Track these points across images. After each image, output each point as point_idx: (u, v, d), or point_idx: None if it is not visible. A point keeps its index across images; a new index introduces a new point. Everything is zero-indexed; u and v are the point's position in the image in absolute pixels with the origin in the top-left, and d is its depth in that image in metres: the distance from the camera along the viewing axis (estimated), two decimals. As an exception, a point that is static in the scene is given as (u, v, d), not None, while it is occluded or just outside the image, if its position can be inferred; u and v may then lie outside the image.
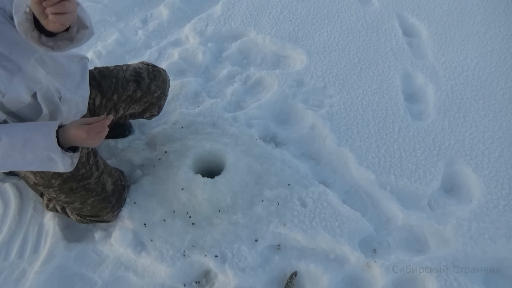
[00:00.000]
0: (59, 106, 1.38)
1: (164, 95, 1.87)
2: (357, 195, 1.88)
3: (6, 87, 1.17)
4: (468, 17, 2.73)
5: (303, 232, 1.65)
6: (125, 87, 1.70)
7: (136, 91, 1.73)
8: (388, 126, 2.09)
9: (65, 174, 1.50)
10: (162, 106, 1.93)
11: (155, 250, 1.61)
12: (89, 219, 1.67)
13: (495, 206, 1.75)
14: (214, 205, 1.71)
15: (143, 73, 1.75)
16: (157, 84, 1.79)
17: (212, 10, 2.89)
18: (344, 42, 2.58)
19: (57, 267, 1.60)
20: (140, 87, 1.73)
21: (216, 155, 1.86)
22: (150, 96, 1.79)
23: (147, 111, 1.87)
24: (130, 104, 1.77)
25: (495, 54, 2.46)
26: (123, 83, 1.70)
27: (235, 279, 1.53)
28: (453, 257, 1.58)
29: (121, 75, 1.70)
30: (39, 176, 1.49)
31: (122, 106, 1.76)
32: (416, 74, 2.39)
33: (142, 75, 1.74)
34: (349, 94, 2.25)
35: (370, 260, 1.59)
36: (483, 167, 1.89)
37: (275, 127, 2.14)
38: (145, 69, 1.77)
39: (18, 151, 1.17)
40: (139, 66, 1.77)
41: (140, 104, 1.79)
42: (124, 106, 1.76)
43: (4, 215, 1.78)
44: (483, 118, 2.11)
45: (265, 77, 2.38)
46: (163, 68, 1.87)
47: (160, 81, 1.80)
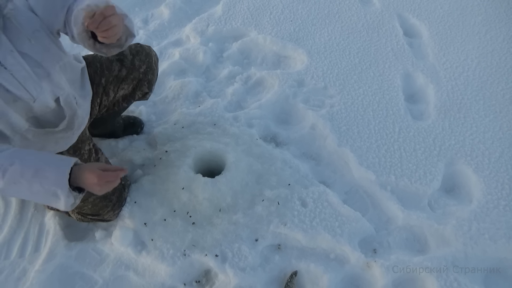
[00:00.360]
0: (76, 111, 1.45)
1: (151, 69, 1.82)
2: (358, 195, 1.88)
3: (38, 92, 1.26)
4: (469, 17, 2.73)
5: (304, 232, 1.65)
6: (110, 68, 1.70)
7: (121, 70, 1.72)
8: (389, 126, 2.09)
9: None
10: (152, 82, 1.88)
11: (156, 249, 1.62)
12: (90, 217, 1.67)
13: (496, 207, 1.75)
14: (215, 204, 1.72)
15: (125, 51, 1.73)
16: (141, 59, 1.77)
17: (213, 10, 2.90)
18: (345, 42, 2.58)
19: (57, 266, 1.61)
20: (124, 65, 1.72)
21: (217, 155, 1.87)
22: (136, 72, 1.77)
23: (138, 90, 1.84)
24: (118, 84, 1.76)
25: (496, 55, 2.46)
26: (107, 65, 1.70)
27: (235, 279, 1.53)
28: (453, 257, 1.59)
29: (104, 58, 1.70)
30: None
31: (111, 88, 1.75)
32: (417, 74, 2.39)
33: (124, 53, 1.73)
34: (349, 94, 2.26)
35: (370, 260, 1.60)
36: (484, 168, 1.89)
37: (276, 127, 2.15)
38: (127, 48, 1.75)
39: (26, 180, 1.15)
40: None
41: (127, 82, 1.77)
42: (113, 88, 1.75)
43: (5, 214, 1.79)
44: (484, 119, 2.11)
45: (266, 77, 2.38)
46: (148, 45, 1.85)
47: (144, 55, 1.78)
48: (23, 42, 1.21)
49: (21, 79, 1.21)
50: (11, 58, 1.17)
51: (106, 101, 1.78)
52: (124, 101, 1.87)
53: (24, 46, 1.21)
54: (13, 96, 1.21)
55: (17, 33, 1.19)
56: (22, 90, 1.23)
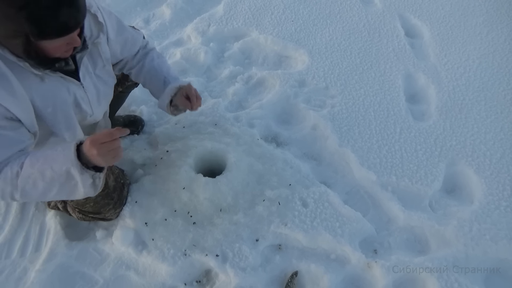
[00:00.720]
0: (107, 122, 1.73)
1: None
2: (358, 196, 1.88)
3: (95, 108, 1.47)
4: (470, 18, 2.73)
5: (304, 232, 1.65)
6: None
7: None
8: (390, 127, 2.09)
9: None
10: None
11: (156, 249, 1.62)
12: (91, 216, 1.67)
13: (497, 207, 1.74)
14: (215, 204, 1.72)
15: None
16: None
17: (214, 10, 2.90)
18: (346, 43, 2.58)
19: (58, 266, 1.61)
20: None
21: (218, 155, 1.87)
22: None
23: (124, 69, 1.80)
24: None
25: (497, 56, 2.45)
26: None
27: (236, 279, 1.53)
28: (454, 258, 1.58)
29: None
30: None
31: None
32: (418, 75, 2.39)
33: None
34: (351, 94, 2.25)
35: (370, 260, 1.59)
36: (485, 168, 1.89)
37: (277, 127, 2.15)
38: None
39: (37, 169, 1.15)
40: None
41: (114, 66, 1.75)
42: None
43: (6, 213, 1.79)
44: (485, 119, 2.11)
45: (267, 77, 2.38)
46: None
47: None
48: (98, 66, 1.44)
49: (90, 98, 1.42)
50: (88, 78, 1.39)
51: None
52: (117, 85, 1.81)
53: (99, 70, 1.44)
54: (79, 110, 1.39)
55: (97, 59, 1.42)
56: (88, 106, 1.42)
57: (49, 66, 1.18)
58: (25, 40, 1.03)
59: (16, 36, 1.02)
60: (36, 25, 0.99)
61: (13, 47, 1.08)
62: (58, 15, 1.00)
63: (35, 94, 1.20)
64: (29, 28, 0.99)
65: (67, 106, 1.32)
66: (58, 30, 1.04)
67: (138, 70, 1.71)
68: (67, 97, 1.31)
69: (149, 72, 1.69)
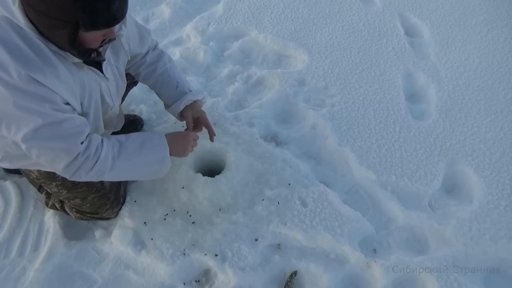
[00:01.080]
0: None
1: None
2: (358, 195, 1.88)
3: (115, 101, 1.51)
4: (470, 17, 2.72)
5: (303, 231, 1.65)
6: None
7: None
8: (389, 126, 2.08)
9: None
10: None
11: (155, 248, 1.61)
12: (89, 216, 1.67)
13: (496, 207, 1.74)
14: (215, 204, 1.71)
15: None
16: None
17: (213, 9, 2.89)
18: (345, 42, 2.58)
19: (57, 265, 1.61)
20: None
21: (217, 154, 1.86)
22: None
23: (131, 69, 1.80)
24: None
25: (498, 55, 2.45)
26: None
27: (235, 278, 1.53)
28: (454, 257, 1.58)
29: None
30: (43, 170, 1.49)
31: None
32: (418, 74, 2.38)
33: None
34: (350, 93, 2.25)
35: (370, 260, 1.59)
36: (484, 168, 1.89)
37: (276, 127, 2.14)
38: None
39: (140, 154, 1.37)
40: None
41: None
42: None
43: (5, 212, 1.78)
44: (485, 119, 2.11)
45: (267, 77, 2.38)
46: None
47: None
48: (119, 57, 1.47)
49: (112, 89, 1.45)
50: (110, 70, 1.42)
51: None
52: None
53: (118, 61, 1.48)
54: (103, 102, 1.42)
55: (120, 50, 1.47)
56: (110, 98, 1.45)
57: (87, 56, 1.21)
58: (72, 30, 1.06)
59: (64, 27, 1.05)
60: (89, 16, 1.02)
61: (57, 38, 1.10)
62: (110, 7, 1.04)
63: (76, 82, 1.23)
64: (83, 18, 1.02)
65: (98, 96, 1.36)
66: (108, 21, 1.08)
67: (149, 73, 1.71)
68: (96, 88, 1.34)
69: (162, 76, 1.70)
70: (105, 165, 1.29)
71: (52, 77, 1.12)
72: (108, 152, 1.30)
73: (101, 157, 1.27)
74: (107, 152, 1.29)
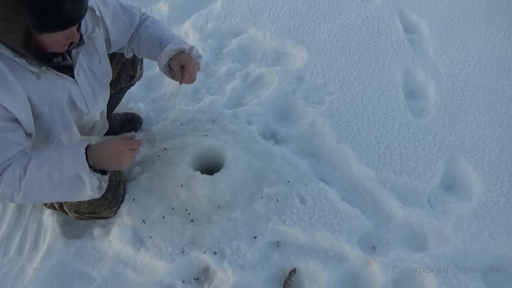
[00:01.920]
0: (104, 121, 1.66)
1: None
2: (357, 192, 1.88)
3: (92, 107, 1.45)
4: (469, 14, 2.71)
5: (303, 229, 1.65)
6: None
7: None
8: (388, 123, 2.08)
9: None
10: (136, 63, 1.87)
11: (154, 246, 1.61)
12: (87, 216, 1.67)
13: (495, 204, 1.74)
14: (213, 202, 1.71)
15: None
16: None
17: (212, 7, 2.88)
18: (344, 39, 2.57)
19: (56, 264, 1.60)
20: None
21: (216, 152, 1.86)
22: (118, 56, 1.76)
23: (123, 73, 1.82)
24: None
25: (497, 51, 2.44)
26: None
27: (234, 276, 1.53)
28: (453, 254, 1.58)
29: None
30: None
31: None
32: (417, 71, 2.38)
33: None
34: (349, 91, 2.25)
35: (369, 257, 1.59)
36: (484, 165, 1.89)
37: (275, 124, 2.14)
38: None
39: (44, 172, 1.15)
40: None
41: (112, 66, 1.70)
42: None
43: (3, 211, 1.78)
44: (484, 116, 2.10)
45: (265, 74, 2.37)
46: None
47: None
48: (95, 62, 1.42)
49: (85, 95, 1.39)
50: (82, 75, 1.37)
51: None
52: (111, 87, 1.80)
53: (95, 65, 1.42)
54: (74, 108, 1.36)
55: (94, 53, 1.41)
56: (84, 104, 1.40)
57: (47, 61, 1.17)
58: (25, 33, 1.02)
59: (16, 29, 1.01)
60: (39, 17, 0.98)
61: (11, 41, 1.06)
62: (61, 8, 1.00)
63: (31, 92, 1.18)
64: (32, 20, 0.98)
65: (63, 104, 1.30)
66: (61, 23, 1.03)
67: (137, 44, 1.62)
68: (63, 95, 1.29)
69: (146, 40, 1.58)
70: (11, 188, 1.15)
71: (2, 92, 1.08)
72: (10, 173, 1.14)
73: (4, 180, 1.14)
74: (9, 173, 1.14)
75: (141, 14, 1.66)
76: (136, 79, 1.95)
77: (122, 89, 1.93)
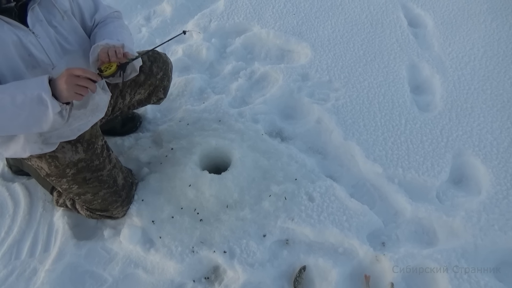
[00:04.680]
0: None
1: (167, 76, 1.89)
2: (365, 189, 1.87)
3: (58, 62, 1.36)
4: (474, 6, 2.69)
5: (311, 226, 1.65)
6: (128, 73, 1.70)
7: (139, 75, 1.73)
8: (395, 119, 2.07)
9: (80, 164, 1.53)
10: (167, 88, 1.95)
11: (164, 246, 1.62)
12: (98, 214, 1.68)
13: (505, 197, 1.73)
14: (222, 201, 1.72)
15: (143, 57, 1.75)
16: (158, 66, 1.82)
17: (215, 6, 2.88)
18: (348, 35, 2.56)
19: (67, 265, 1.62)
20: (142, 70, 1.74)
21: (223, 151, 1.86)
22: (153, 79, 1.82)
23: (153, 95, 1.89)
24: (136, 89, 1.80)
25: (502, 43, 2.42)
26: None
27: (244, 275, 1.54)
28: (463, 249, 1.57)
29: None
30: (53, 165, 1.50)
31: (128, 92, 1.79)
32: (422, 65, 2.37)
33: (142, 59, 1.72)
34: (354, 87, 2.24)
35: (379, 253, 1.59)
36: (492, 158, 1.87)
37: (281, 122, 2.14)
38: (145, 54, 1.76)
39: (8, 94, 1.16)
40: (139, 52, 1.77)
41: (145, 87, 1.82)
42: (129, 91, 1.80)
43: (15, 214, 1.80)
44: (491, 109, 2.09)
45: (270, 72, 2.37)
46: (164, 53, 1.90)
47: (161, 63, 1.84)
48: (55, 16, 1.36)
49: (45, 46, 1.31)
50: (39, 26, 1.30)
51: (122, 104, 1.82)
52: (138, 105, 1.92)
53: (56, 20, 1.36)
54: (34, 60, 1.29)
55: (52, 9, 1.35)
56: (44, 55, 1.31)
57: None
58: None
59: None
60: None
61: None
62: None
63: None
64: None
65: (6, 44, 1.22)
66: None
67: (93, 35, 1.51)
68: (7, 36, 1.22)
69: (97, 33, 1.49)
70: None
71: None
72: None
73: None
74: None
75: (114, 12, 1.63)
76: (162, 101, 2.01)
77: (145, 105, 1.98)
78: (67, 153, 1.51)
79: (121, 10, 2.92)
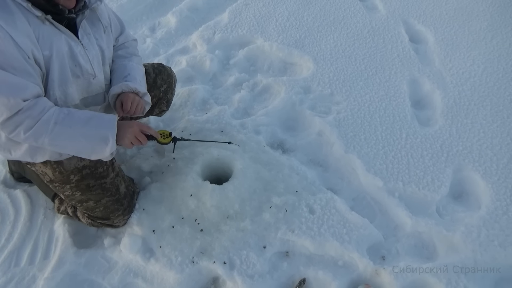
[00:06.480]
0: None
1: (171, 89, 1.94)
2: (365, 202, 1.88)
3: (98, 72, 1.49)
4: (474, 22, 2.73)
5: (311, 238, 1.65)
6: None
7: None
8: (396, 133, 2.09)
9: (84, 171, 1.55)
10: (170, 101, 2.00)
11: (164, 256, 1.62)
12: (99, 222, 1.69)
13: (505, 213, 1.74)
14: (222, 211, 1.72)
15: (148, 69, 1.82)
16: (163, 78, 1.87)
17: (219, 18, 2.92)
18: (350, 49, 2.59)
19: (67, 274, 1.62)
20: (147, 82, 1.76)
21: (224, 162, 1.87)
22: (157, 91, 1.85)
23: (156, 107, 1.93)
24: None
25: (502, 60, 2.45)
26: None
27: (243, 286, 1.53)
28: (462, 264, 1.57)
29: None
30: (58, 171, 1.52)
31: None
32: (423, 80, 2.39)
33: (147, 71, 1.81)
34: (356, 100, 2.26)
35: (378, 267, 1.59)
36: (492, 174, 1.89)
37: (283, 134, 2.15)
38: (150, 66, 1.87)
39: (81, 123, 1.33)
40: (144, 64, 1.83)
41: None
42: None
43: (15, 221, 1.80)
44: (491, 124, 2.11)
45: (272, 84, 2.39)
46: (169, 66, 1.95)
47: (166, 75, 1.88)
48: (99, 30, 1.50)
49: (91, 57, 1.44)
50: (87, 38, 1.43)
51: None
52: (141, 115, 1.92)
53: (98, 33, 1.49)
54: (79, 70, 1.40)
55: (97, 22, 1.49)
56: (89, 66, 1.43)
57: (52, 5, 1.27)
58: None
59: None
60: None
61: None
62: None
63: (36, 33, 1.25)
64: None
65: (62, 54, 1.33)
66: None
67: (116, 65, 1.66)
68: (63, 46, 1.33)
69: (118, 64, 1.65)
70: (46, 127, 1.28)
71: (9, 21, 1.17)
72: (52, 116, 1.29)
73: (43, 119, 1.27)
74: (51, 116, 1.28)
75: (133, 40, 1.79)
76: (164, 113, 2.06)
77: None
78: (72, 159, 1.52)
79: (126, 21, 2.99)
